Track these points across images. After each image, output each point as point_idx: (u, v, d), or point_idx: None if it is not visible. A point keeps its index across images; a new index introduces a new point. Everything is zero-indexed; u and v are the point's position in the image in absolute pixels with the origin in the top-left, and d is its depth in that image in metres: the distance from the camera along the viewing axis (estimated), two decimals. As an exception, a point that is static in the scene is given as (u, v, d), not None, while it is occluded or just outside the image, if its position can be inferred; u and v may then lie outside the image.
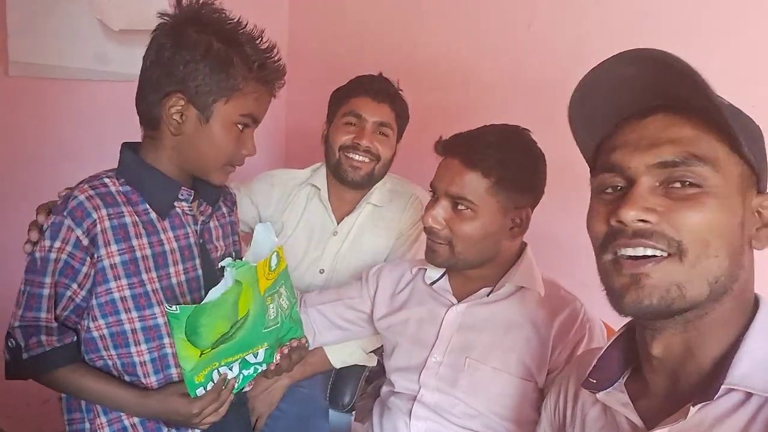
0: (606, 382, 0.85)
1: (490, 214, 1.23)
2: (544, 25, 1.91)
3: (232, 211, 1.38)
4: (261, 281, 1.06)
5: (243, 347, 1.08)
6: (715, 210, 0.70)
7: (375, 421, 1.42)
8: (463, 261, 1.27)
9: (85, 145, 2.13)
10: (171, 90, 1.09)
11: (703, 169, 0.71)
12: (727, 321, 0.74)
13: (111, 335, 1.13)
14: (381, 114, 1.67)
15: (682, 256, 0.70)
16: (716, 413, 0.71)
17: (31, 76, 2.00)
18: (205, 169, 1.18)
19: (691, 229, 0.70)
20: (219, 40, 1.08)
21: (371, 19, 2.48)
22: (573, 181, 1.82)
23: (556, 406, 0.99)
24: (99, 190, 1.12)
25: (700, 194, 0.71)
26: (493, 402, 1.24)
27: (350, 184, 1.70)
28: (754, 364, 0.70)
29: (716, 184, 0.71)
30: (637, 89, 0.75)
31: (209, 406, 1.08)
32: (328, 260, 1.74)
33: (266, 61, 1.13)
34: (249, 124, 1.16)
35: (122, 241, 1.11)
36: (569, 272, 1.78)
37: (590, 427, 0.88)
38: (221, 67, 1.08)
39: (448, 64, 2.18)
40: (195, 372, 1.04)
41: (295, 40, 2.81)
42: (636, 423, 0.79)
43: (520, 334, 1.25)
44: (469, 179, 1.22)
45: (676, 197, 0.71)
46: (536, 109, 1.92)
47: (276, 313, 1.11)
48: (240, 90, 1.10)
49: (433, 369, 1.30)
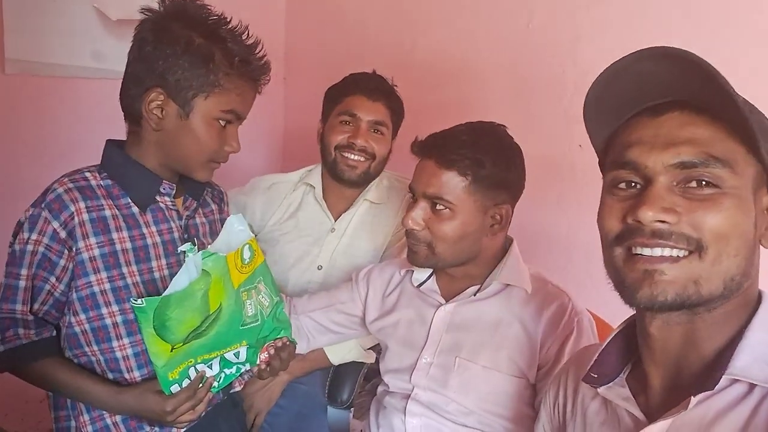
0: (606, 376, 0.85)
1: (468, 212, 1.23)
2: (542, 24, 1.92)
3: (221, 208, 1.38)
4: (234, 274, 1.05)
5: (219, 344, 1.07)
6: (734, 210, 0.71)
7: (371, 419, 1.42)
8: (444, 261, 1.27)
9: (83, 142, 2.11)
10: (151, 85, 1.09)
11: (721, 170, 0.71)
12: (732, 315, 0.75)
13: (92, 330, 1.12)
14: (376, 112, 1.67)
15: (702, 253, 0.70)
16: (719, 406, 0.71)
17: (28, 73, 2.00)
18: (187, 165, 1.17)
19: (711, 228, 0.70)
20: (201, 35, 1.08)
21: (369, 18, 2.48)
22: (570, 179, 1.84)
23: (555, 402, 1.00)
24: (78, 183, 1.12)
25: (717, 195, 0.71)
26: (485, 400, 1.24)
27: (346, 182, 1.71)
28: (755, 355, 0.71)
29: (733, 185, 0.71)
30: (655, 85, 0.76)
31: (184, 404, 1.07)
32: (326, 257, 1.74)
33: (249, 56, 1.13)
34: (232, 121, 1.15)
35: (101, 233, 1.11)
36: (565, 268, 1.79)
37: (591, 420, 0.88)
38: (201, 62, 1.08)
39: (447, 63, 2.18)
40: (168, 368, 1.03)
41: (292, 40, 2.81)
42: (638, 417, 0.79)
43: (508, 332, 1.25)
44: (446, 179, 1.22)
45: (694, 197, 0.71)
46: (534, 107, 1.93)
47: (255, 310, 1.10)
48: (221, 86, 1.10)
49: (424, 370, 1.30)
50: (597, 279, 0.83)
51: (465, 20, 2.13)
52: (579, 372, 0.92)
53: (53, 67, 2.05)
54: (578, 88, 1.82)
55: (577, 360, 0.99)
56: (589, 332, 1.24)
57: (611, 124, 0.82)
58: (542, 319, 1.24)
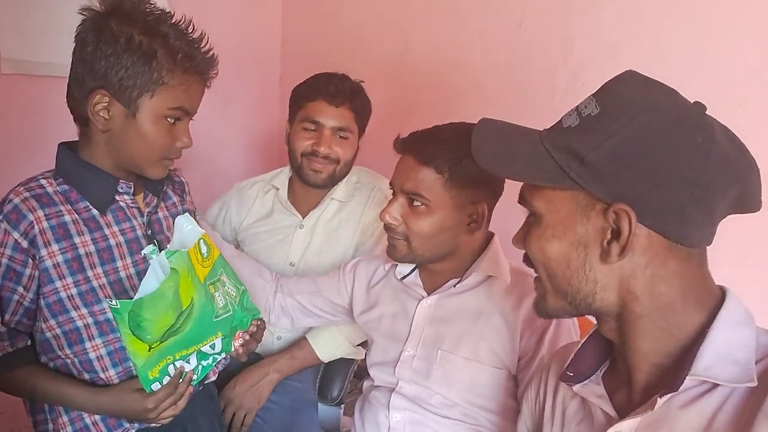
0: (582, 375, 0.86)
1: (444, 209, 1.24)
2: (534, 24, 1.93)
3: (183, 199, 1.38)
4: (197, 268, 1.05)
5: (196, 339, 1.08)
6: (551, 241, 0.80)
7: (356, 414, 1.44)
8: (421, 256, 1.29)
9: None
10: (94, 86, 1.07)
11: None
12: (660, 329, 0.77)
13: (64, 333, 1.12)
14: (338, 118, 1.67)
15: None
16: (681, 402, 0.72)
17: (24, 73, 2.00)
18: (139, 165, 1.15)
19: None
20: (141, 32, 1.05)
21: (364, 19, 2.49)
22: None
23: (536, 398, 1.01)
24: (34, 191, 1.11)
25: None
26: (467, 391, 1.25)
27: (312, 186, 1.73)
28: (718, 355, 0.71)
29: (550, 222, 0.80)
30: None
31: (165, 400, 1.08)
32: (297, 253, 1.76)
33: (193, 51, 1.10)
34: (181, 117, 1.14)
35: (63, 239, 1.10)
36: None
37: (569, 420, 0.90)
38: (143, 60, 1.05)
39: (440, 63, 2.19)
40: (148, 367, 1.03)
41: (288, 40, 2.82)
42: (610, 414, 0.80)
43: (488, 323, 1.27)
44: (423, 176, 1.23)
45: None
46: (526, 107, 1.94)
47: (225, 301, 1.11)
48: (165, 83, 1.08)
49: (408, 362, 1.32)
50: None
51: (458, 20, 2.14)
52: (558, 370, 0.94)
53: (50, 67, 2.05)
54: (569, 89, 1.83)
55: (557, 358, 1.00)
56: (569, 324, 1.25)
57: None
58: (521, 311, 1.25)
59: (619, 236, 0.73)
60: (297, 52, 2.78)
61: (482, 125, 0.89)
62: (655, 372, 0.78)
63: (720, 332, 0.73)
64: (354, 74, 1.78)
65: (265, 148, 2.86)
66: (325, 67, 1.80)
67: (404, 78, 2.33)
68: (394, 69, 2.36)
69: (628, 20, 1.69)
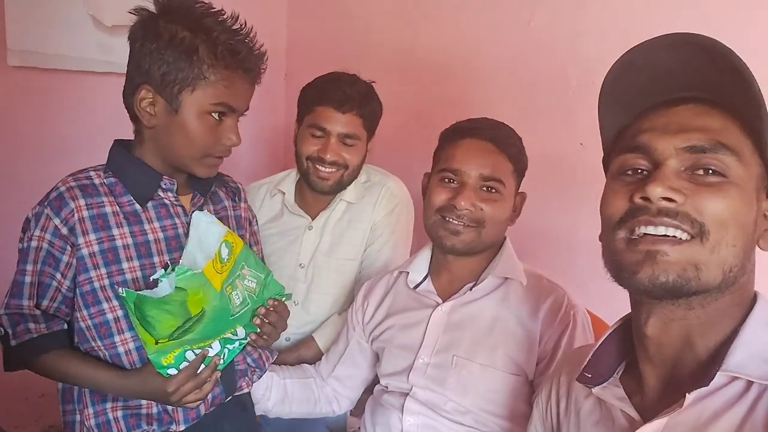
0: (601, 376, 0.85)
1: (510, 197, 1.30)
2: (543, 21, 1.91)
3: (237, 204, 1.37)
4: (214, 279, 1.06)
5: (211, 334, 1.09)
6: (738, 200, 0.71)
7: (367, 416, 1.42)
8: (484, 244, 1.29)
9: (86, 138, 2.12)
10: (139, 82, 1.10)
11: (729, 159, 0.71)
12: (726, 312, 0.75)
13: (95, 326, 1.13)
14: (346, 125, 1.63)
15: (704, 239, 0.70)
16: (715, 405, 0.71)
17: (31, 65, 1.97)
18: (183, 161, 1.16)
19: (714, 213, 0.70)
20: (186, 28, 1.07)
21: (371, 14, 2.47)
22: (571, 177, 1.84)
23: (548, 403, 0.99)
24: (81, 181, 1.15)
25: (723, 183, 0.71)
26: (482, 399, 1.24)
27: (320, 192, 1.70)
28: (750, 353, 0.71)
29: (740, 175, 0.72)
30: (669, 78, 0.75)
31: (186, 384, 1.08)
32: (307, 254, 1.74)
33: (237, 46, 1.10)
34: (226, 113, 1.14)
35: (101, 230, 1.13)
36: (567, 268, 1.79)
37: (584, 420, 0.88)
38: (185, 55, 1.07)
39: (448, 60, 2.18)
40: (159, 354, 1.04)
41: (294, 36, 2.81)
42: (633, 416, 0.79)
43: (505, 328, 1.26)
44: (499, 162, 1.27)
45: (701, 183, 0.71)
46: (536, 105, 1.92)
47: (242, 297, 1.12)
48: (206, 78, 1.08)
49: (421, 369, 1.30)
50: (599, 279, 0.82)
51: (467, 17, 2.12)
52: (572, 372, 0.92)
53: (57, 59, 2.03)
54: (579, 86, 1.81)
55: (570, 360, 0.99)
56: (585, 326, 1.25)
57: (623, 118, 0.81)
58: (540, 313, 1.24)
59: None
60: (302, 47, 2.77)
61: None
62: (681, 373, 0.77)
63: (752, 331, 0.73)
64: (360, 69, 1.74)
65: (271, 144, 2.85)
66: (331, 63, 1.78)
67: (411, 74, 2.31)
68: (401, 65, 2.34)
69: (639, 17, 1.68)
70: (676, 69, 0.74)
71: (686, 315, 0.75)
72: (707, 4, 1.54)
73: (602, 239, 0.80)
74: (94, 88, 2.14)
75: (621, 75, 0.78)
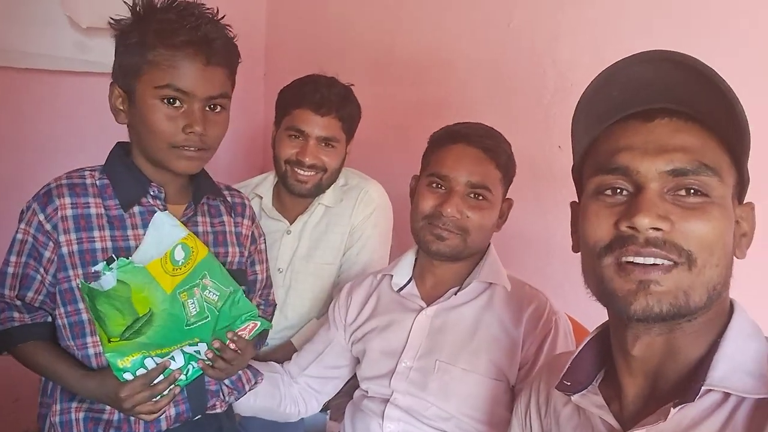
0: (580, 384, 0.85)
1: (497, 204, 1.30)
2: (522, 23, 1.92)
3: (239, 221, 1.32)
4: (163, 279, 1.04)
5: (167, 341, 1.07)
6: (721, 220, 0.72)
7: (347, 422, 1.41)
8: (469, 250, 1.29)
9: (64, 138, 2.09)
10: (112, 81, 1.13)
11: (710, 179, 0.72)
12: (709, 325, 0.75)
13: (70, 325, 1.13)
14: (324, 128, 1.62)
15: (692, 266, 0.70)
16: (694, 415, 0.71)
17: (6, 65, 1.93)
18: (157, 157, 1.13)
19: (699, 238, 0.70)
20: (133, 17, 1.09)
21: (350, 14, 2.46)
22: (549, 180, 1.84)
23: (527, 410, 1.00)
24: (72, 180, 1.15)
25: (706, 204, 0.72)
26: (464, 404, 1.24)
27: (298, 195, 1.69)
28: (732, 365, 0.71)
29: (721, 194, 0.72)
30: (645, 90, 0.75)
31: (139, 393, 1.06)
32: (285, 258, 1.73)
33: (174, 25, 1.07)
34: (179, 98, 1.08)
35: (82, 230, 1.12)
36: (543, 270, 1.80)
37: (564, 425, 0.89)
38: (131, 42, 1.08)
39: (427, 61, 2.18)
40: (116, 355, 1.03)
41: (272, 36, 2.79)
42: (613, 425, 0.79)
43: (488, 334, 1.26)
44: (488, 170, 1.26)
45: (684, 205, 0.71)
46: (514, 107, 1.93)
47: (200, 307, 1.08)
48: (150, 61, 1.07)
49: (404, 374, 1.30)
50: (575, 281, 0.82)
51: (446, 19, 2.12)
52: (551, 379, 0.92)
53: (33, 58, 1.99)
54: (558, 89, 1.82)
55: (549, 367, 0.99)
56: (567, 332, 1.26)
57: (595, 129, 0.81)
58: (523, 318, 1.25)
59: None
60: (281, 46, 2.75)
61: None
62: (662, 384, 0.77)
63: (732, 344, 0.73)
64: (339, 70, 1.74)
65: (250, 146, 2.82)
66: (310, 63, 1.77)
67: (390, 75, 2.31)
68: (380, 65, 2.34)
69: (617, 20, 1.69)
70: (652, 82, 0.74)
71: (672, 329, 0.75)
72: (682, 5, 1.55)
73: (585, 263, 0.80)
74: (72, 87, 2.11)
75: (598, 89, 0.78)
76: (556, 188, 1.77)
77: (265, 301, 1.44)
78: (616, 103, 0.77)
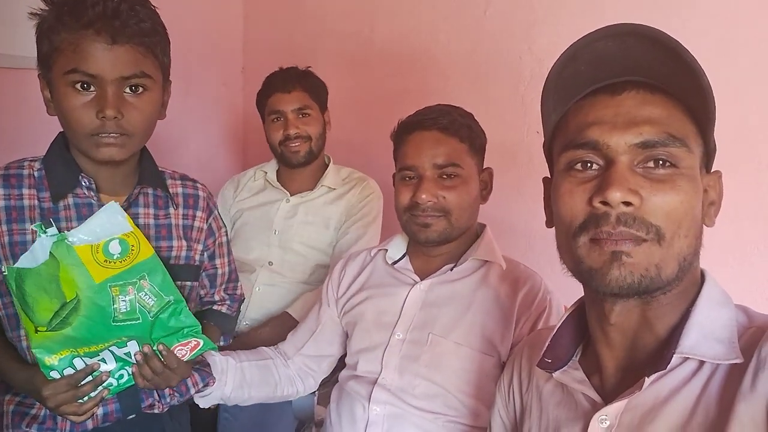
0: (560, 360, 0.86)
1: (473, 177, 1.31)
2: (498, 11, 1.93)
3: (189, 213, 1.28)
4: (93, 268, 1.01)
5: (94, 338, 1.03)
6: (688, 191, 0.73)
7: (332, 406, 1.42)
8: (458, 229, 1.31)
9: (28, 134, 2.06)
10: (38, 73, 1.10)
11: (678, 150, 0.73)
12: (682, 294, 0.77)
13: (7, 316, 1.12)
14: (295, 101, 1.87)
15: (660, 240, 0.72)
16: (672, 385, 0.73)
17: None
18: (78, 146, 1.10)
19: (668, 212, 0.72)
20: (45, 4, 1.05)
21: (327, 6, 2.46)
22: (527, 165, 1.87)
23: (510, 387, 1.01)
24: (9, 171, 1.13)
25: (675, 175, 0.73)
26: (454, 376, 1.25)
27: (296, 165, 1.92)
28: (702, 333, 0.73)
29: (689, 164, 0.73)
30: (611, 64, 0.75)
31: (62, 393, 1.02)
32: (280, 221, 1.93)
33: (78, 6, 1.01)
34: (87, 81, 1.03)
35: (12, 222, 1.10)
36: (525, 254, 1.82)
37: (546, 400, 0.90)
38: (42, 30, 1.05)
39: (405, 51, 2.19)
40: (44, 351, 1.00)
41: (251, 30, 2.77)
42: (594, 398, 0.81)
43: (482, 308, 1.28)
44: (451, 146, 1.28)
45: (653, 178, 0.73)
46: (492, 93, 1.95)
47: (131, 307, 1.03)
48: (56, 48, 1.03)
49: (397, 347, 1.31)
50: (556, 264, 0.83)
51: (423, 7, 2.13)
52: (532, 356, 0.94)
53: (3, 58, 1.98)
54: (534, 75, 1.84)
55: (530, 344, 1.00)
56: (559, 311, 1.27)
57: (564, 105, 0.81)
58: (518, 297, 1.27)
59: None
60: (260, 40, 2.74)
61: None
62: (639, 355, 0.79)
63: (703, 312, 0.75)
64: (318, 61, 1.84)
65: (230, 137, 2.82)
66: (288, 56, 1.82)
67: (369, 66, 2.32)
68: (358, 56, 2.34)
69: (592, 6, 1.71)
70: (618, 55, 0.74)
71: (647, 301, 0.76)
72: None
73: (560, 240, 0.80)
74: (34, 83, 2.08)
75: (564, 66, 0.78)
76: (535, 173, 1.80)
77: (231, 295, 1.42)
78: (584, 78, 0.78)
